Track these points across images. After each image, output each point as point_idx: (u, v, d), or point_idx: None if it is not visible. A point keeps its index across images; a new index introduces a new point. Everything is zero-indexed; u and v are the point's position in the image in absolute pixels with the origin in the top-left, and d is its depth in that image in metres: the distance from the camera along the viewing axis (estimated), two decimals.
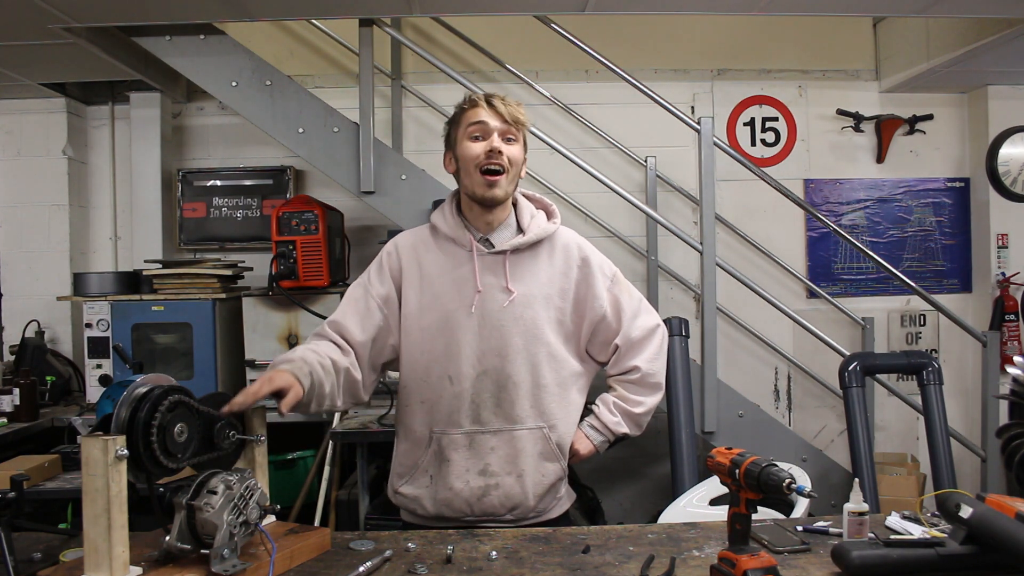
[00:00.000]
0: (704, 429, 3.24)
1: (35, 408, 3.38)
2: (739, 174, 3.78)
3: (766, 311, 3.81)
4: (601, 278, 1.82)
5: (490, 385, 1.72)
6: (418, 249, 1.81)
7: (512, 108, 1.74)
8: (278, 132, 3.27)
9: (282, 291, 3.37)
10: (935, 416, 3.17)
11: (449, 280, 1.75)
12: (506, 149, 1.72)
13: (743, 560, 1.28)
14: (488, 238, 1.78)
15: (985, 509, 1.33)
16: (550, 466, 1.76)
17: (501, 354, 1.72)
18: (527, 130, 1.79)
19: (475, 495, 1.72)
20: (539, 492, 1.75)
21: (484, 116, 1.73)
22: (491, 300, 1.73)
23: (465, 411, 1.72)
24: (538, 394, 1.74)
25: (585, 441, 1.83)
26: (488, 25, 4.08)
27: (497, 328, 1.72)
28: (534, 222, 1.80)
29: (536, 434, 1.73)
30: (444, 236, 1.79)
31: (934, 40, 3.79)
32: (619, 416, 1.84)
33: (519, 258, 1.77)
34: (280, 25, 4.12)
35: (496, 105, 1.73)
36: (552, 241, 1.82)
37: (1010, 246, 4.21)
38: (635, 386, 1.84)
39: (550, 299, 1.77)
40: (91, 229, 4.24)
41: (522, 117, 1.76)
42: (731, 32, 4.27)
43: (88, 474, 1.25)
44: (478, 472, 1.72)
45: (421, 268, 1.78)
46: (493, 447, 1.72)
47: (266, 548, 1.39)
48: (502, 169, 1.72)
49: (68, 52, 3.31)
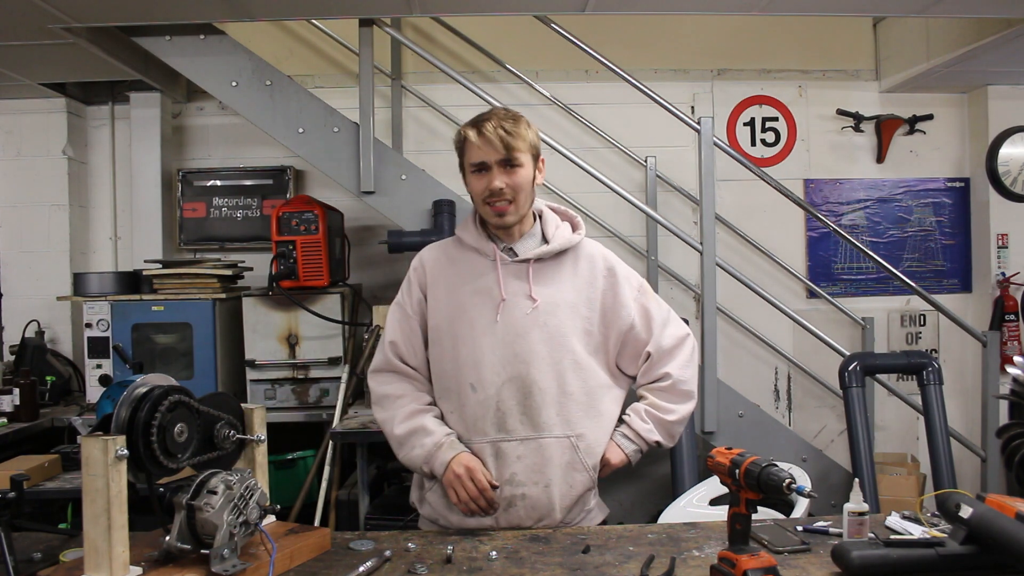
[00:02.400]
0: (704, 429, 3.24)
1: (35, 408, 3.38)
2: (739, 174, 3.78)
3: (766, 311, 3.81)
4: (628, 288, 1.80)
5: (515, 392, 1.70)
6: (442, 261, 1.81)
7: (506, 134, 1.68)
8: (278, 132, 3.27)
9: (282, 291, 3.37)
10: (935, 416, 3.17)
11: (473, 289, 1.75)
12: (508, 180, 1.70)
13: (743, 560, 1.28)
14: (512, 247, 1.78)
15: (985, 509, 1.33)
16: (578, 476, 1.72)
17: (525, 360, 1.70)
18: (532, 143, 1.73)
19: (501, 505, 1.70)
20: (566, 504, 1.72)
21: (480, 152, 1.70)
22: (515, 307, 1.72)
23: (490, 419, 1.70)
24: (564, 402, 1.71)
25: (616, 451, 1.78)
26: (488, 25, 4.08)
27: (521, 335, 1.71)
28: (559, 233, 1.80)
29: (563, 443, 1.70)
30: (469, 247, 1.79)
31: (934, 40, 3.78)
32: (651, 423, 1.79)
33: (543, 267, 1.76)
34: (280, 25, 4.12)
35: (487, 134, 1.68)
36: (577, 252, 1.81)
37: (1010, 246, 4.21)
38: (666, 393, 1.81)
39: (576, 308, 1.75)
40: (91, 229, 4.24)
41: (519, 142, 1.69)
42: (731, 32, 4.27)
43: (88, 474, 1.25)
44: (504, 481, 1.69)
45: (446, 279, 1.78)
46: (520, 455, 1.69)
47: (266, 548, 1.39)
48: (508, 201, 1.71)
49: (68, 52, 3.31)
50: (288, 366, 3.47)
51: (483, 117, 1.73)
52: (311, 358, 3.46)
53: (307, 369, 3.47)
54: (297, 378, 3.49)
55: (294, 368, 3.48)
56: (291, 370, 3.48)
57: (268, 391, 3.49)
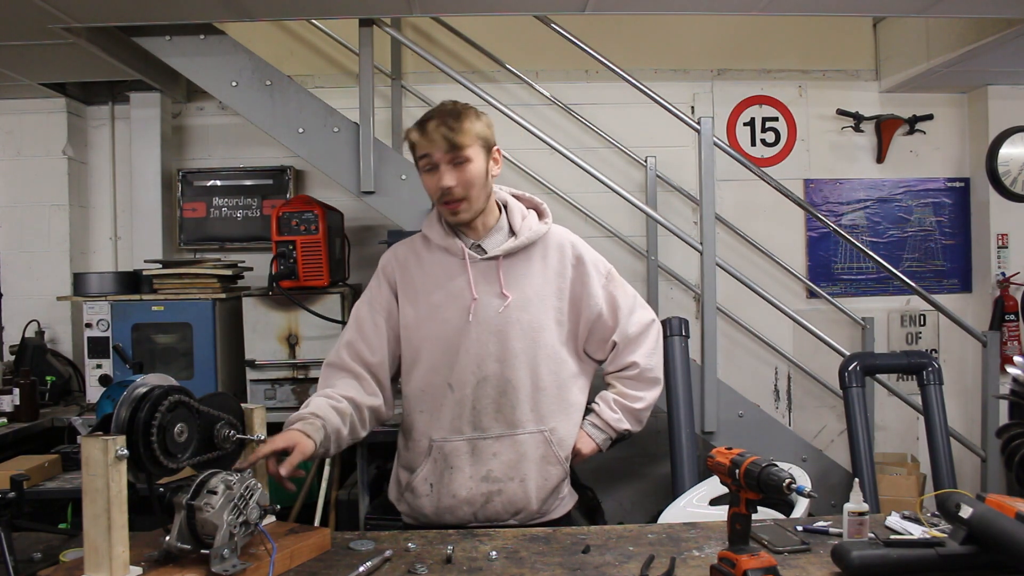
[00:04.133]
0: (704, 429, 3.24)
1: (35, 408, 3.37)
2: (739, 174, 3.78)
3: (766, 311, 3.80)
4: (596, 276, 1.81)
5: (491, 391, 1.72)
6: (411, 261, 1.80)
7: (451, 131, 1.65)
8: (278, 132, 3.27)
9: (282, 291, 3.37)
10: (935, 416, 3.17)
11: (445, 290, 1.74)
12: (458, 177, 1.67)
13: (743, 560, 1.28)
14: (480, 244, 1.78)
15: (985, 509, 1.33)
16: (552, 469, 1.76)
17: (500, 359, 1.72)
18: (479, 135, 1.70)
19: (478, 501, 1.72)
20: (542, 496, 1.75)
21: (426, 148, 1.69)
22: (487, 306, 1.72)
23: (466, 418, 1.72)
24: (537, 397, 1.74)
25: (587, 440, 1.83)
26: (488, 25, 4.08)
27: (495, 333, 1.72)
28: (525, 223, 1.79)
29: (537, 438, 1.73)
30: (436, 246, 1.78)
31: (934, 40, 3.78)
32: (620, 412, 1.84)
33: (512, 262, 1.76)
34: (280, 25, 4.12)
35: (431, 135, 1.66)
36: (545, 241, 1.80)
37: (1010, 246, 4.21)
38: (634, 382, 1.85)
39: (547, 300, 1.76)
40: (91, 229, 4.23)
41: (463, 138, 1.66)
42: (731, 32, 4.27)
43: (88, 474, 1.25)
44: (481, 478, 1.72)
45: (416, 279, 1.77)
46: (495, 453, 1.72)
47: (266, 548, 1.39)
48: (458, 199, 1.69)
49: (68, 52, 3.31)
50: (288, 366, 3.47)
51: (427, 116, 1.72)
52: (311, 358, 3.46)
53: (307, 369, 3.47)
54: (297, 378, 3.49)
55: (294, 368, 3.48)
56: (291, 370, 3.48)
57: (268, 391, 3.49)
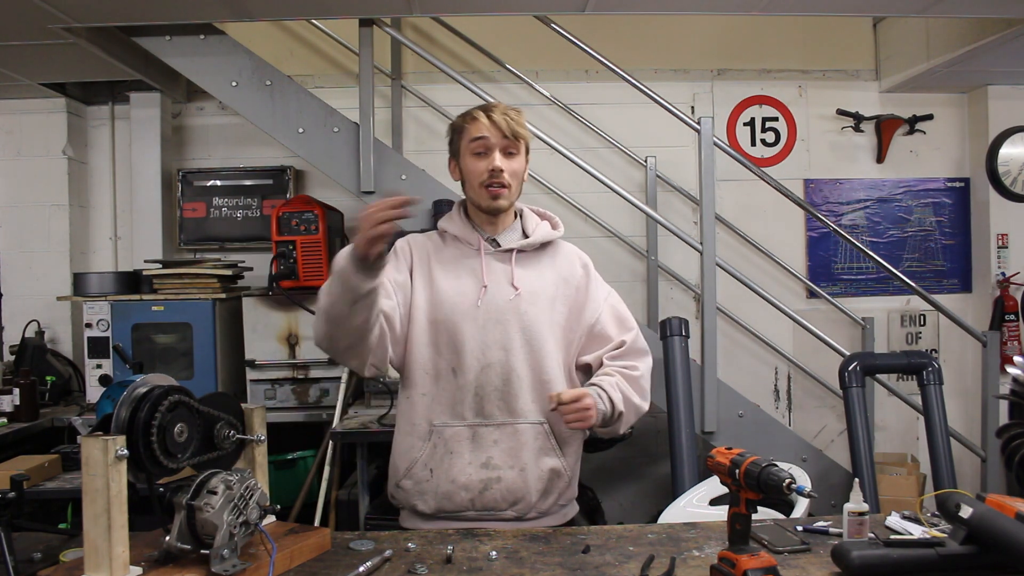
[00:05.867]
0: (704, 429, 3.24)
1: (35, 408, 3.37)
2: (739, 174, 3.78)
3: (766, 311, 3.80)
4: (598, 286, 1.88)
5: (495, 378, 1.74)
6: (427, 247, 1.86)
7: (513, 122, 1.77)
8: (278, 132, 3.27)
9: (282, 291, 3.38)
10: (935, 416, 3.17)
11: (456, 275, 1.79)
12: (507, 165, 1.77)
13: (743, 560, 1.28)
14: (495, 238, 1.84)
15: (985, 509, 1.33)
16: (549, 461, 1.77)
17: (505, 347, 1.74)
18: (527, 139, 1.82)
19: (477, 488, 1.73)
20: (540, 487, 1.76)
21: (485, 131, 1.76)
22: (497, 295, 1.76)
23: (469, 403, 1.74)
24: (541, 390, 1.75)
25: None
26: (488, 25, 4.08)
27: (501, 322, 1.75)
28: (539, 228, 1.87)
29: (537, 429, 1.76)
30: (452, 237, 1.85)
31: (934, 40, 3.78)
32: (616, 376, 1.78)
33: (524, 258, 1.83)
34: (280, 25, 4.12)
35: (497, 120, 1.75)
36: (556, 248, 1.89)
37: (1010, 246, 4.21)
38: (624, 355, 1.83)
39: (553, 302, 1.81)
40: (91, 229, 4.23)
41: (523, 131, 1.79)
42: (731, 32, 4.27)
43: (88, 474, 1.25)
44: (480, 465, 1.73)
45: (430, 263, 1.82)
46: (496, 440, 1.74)
47: (266, 548, 1.39)
48: (505, 185, 1.77)
49: (68, 52, 3.31)
50: (288, 366, 3.48)
51: (490, 104, 1.82)
52: (311, 358, 3.46)
53: (307, 369, 3.47)
54: (297, 378, 3.49)
55: (294, 368, 3.48)
56: (291, 370, 3.48)
57: (268, 391, 3.49)
